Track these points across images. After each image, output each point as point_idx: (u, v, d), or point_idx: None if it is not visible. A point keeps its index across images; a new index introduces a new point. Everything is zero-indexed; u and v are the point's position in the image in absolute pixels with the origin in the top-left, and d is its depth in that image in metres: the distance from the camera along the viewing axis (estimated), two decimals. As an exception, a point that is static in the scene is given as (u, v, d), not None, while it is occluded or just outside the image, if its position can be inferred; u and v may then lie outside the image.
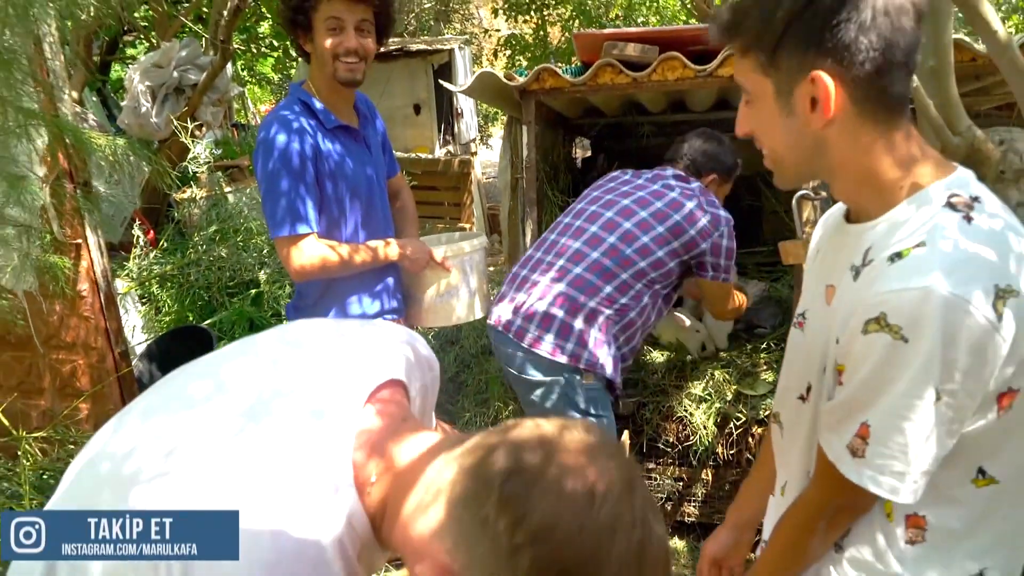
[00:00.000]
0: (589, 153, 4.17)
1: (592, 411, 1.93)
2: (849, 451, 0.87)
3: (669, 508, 2.54)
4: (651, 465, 2.52)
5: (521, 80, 2.60)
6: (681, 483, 2.50)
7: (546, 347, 1.89)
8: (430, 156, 6.34)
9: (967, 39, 2.11)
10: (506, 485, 0.62)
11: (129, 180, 3.63)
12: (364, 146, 1.93)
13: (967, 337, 0.76)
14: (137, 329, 3.13)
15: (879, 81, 0.84)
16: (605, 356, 1.92)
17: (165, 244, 3.44)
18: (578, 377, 1.90)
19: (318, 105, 1.81)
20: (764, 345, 2.58)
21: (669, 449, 2.46)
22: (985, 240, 0.80)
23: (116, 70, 7.46)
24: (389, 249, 1.90)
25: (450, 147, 6.67)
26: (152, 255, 3.31)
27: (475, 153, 6.62)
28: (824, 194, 1.82)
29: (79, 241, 2.36)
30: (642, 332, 2.06)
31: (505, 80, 2.61)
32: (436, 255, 1.99)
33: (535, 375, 1.93)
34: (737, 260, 3.09)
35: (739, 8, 0.90)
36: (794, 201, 1.89)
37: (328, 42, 1.75)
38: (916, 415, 0.80)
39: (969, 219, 0.81)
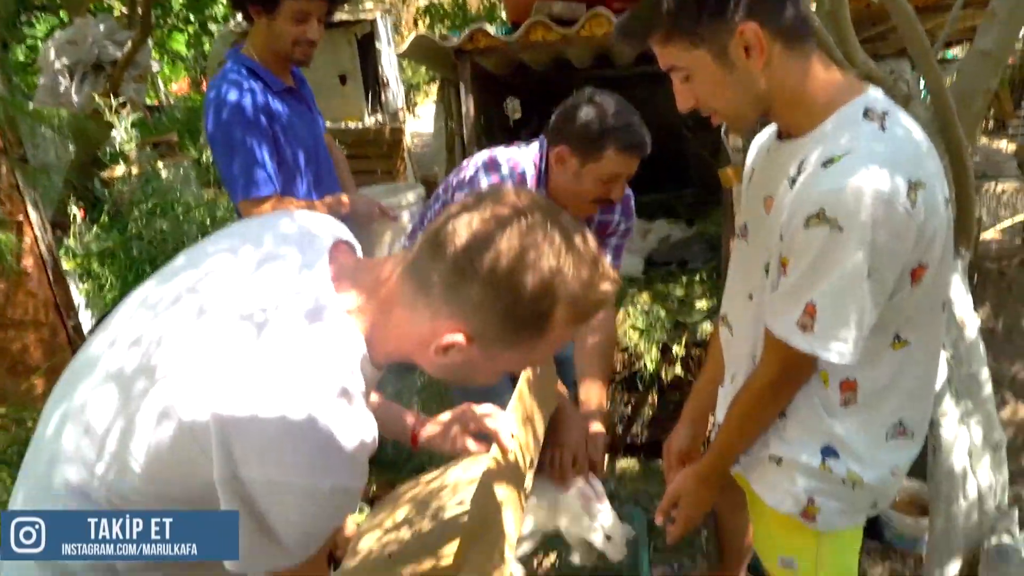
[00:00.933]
0: (519, 115, 4.29)
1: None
2: (799, 327, 1.03)
3: (620, 432, 2.74)
4: (601, 395, 2.71)
5: (456, 41, 2.69)
6: (630, 407, 2.71)
7: None
8: (360, 126, 6.32)
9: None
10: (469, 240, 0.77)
11: (56, 159, 3.53)
12: (307, 107, 1.99)
13: (890, 224, 0.94)
14: (81, 308, 3.09)
15: (789, 17, 1.00)
16: None
17: (103, 222, 3.37)
18: None
19: (264, 69, 1.85)
20: (697, 278, 2.79)
21: (616, 377, 2.65)
22: (898, 144, 0.98)
23: (15, 50, 7.04)
24: (340, 206, 1.95)
25: (378, 116, 6.66)
26: (92, 232, 3.25)
27: (404, 122, 6.63)
28: None
29: (20, 218, 2.33)
30: None
31: (440, 42, 2.69)
32: (382, 206, 2.07)
33: None
34: (667, 202, 3.31)
35: (637, 13, 1.04)
36: (723, 131, 2.06)
37: (292, 30, 1.81)
38: (853, 291, 0.98)
39: (883, 127, 0.99)
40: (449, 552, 1.24)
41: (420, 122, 9.37)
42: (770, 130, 1.21)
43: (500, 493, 1.16)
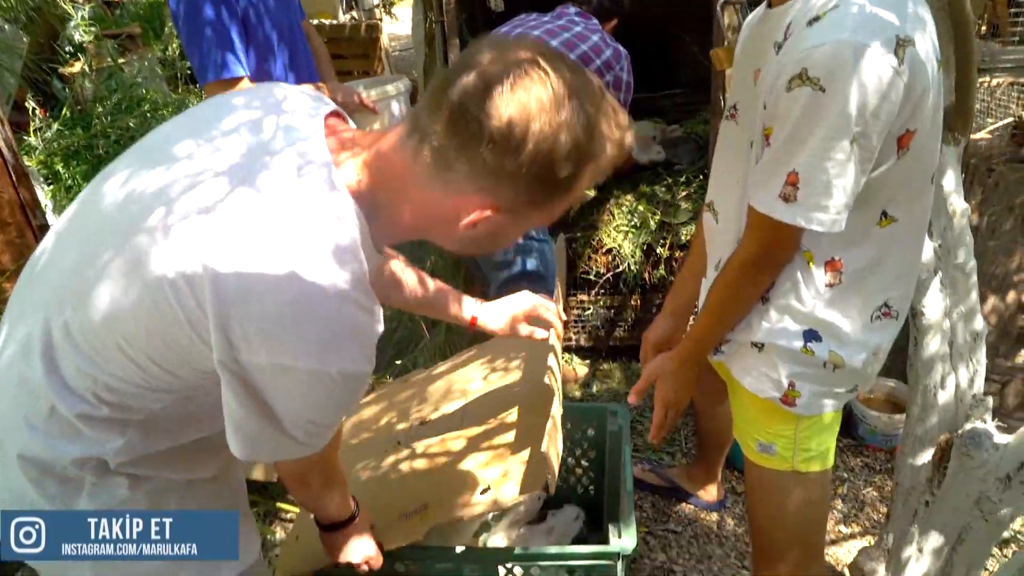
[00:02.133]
0: (502, 8, 4.09)
1: (533, 235, 2.03)
2: (781, 199, 1.00)
3: (602, 334, 2.76)
4: (583, 297, 2.71)
5: (435, -82, 2.51)
6: (612, 311, 2.71)
7: None
8: (334, 22, 6.01)
9: None
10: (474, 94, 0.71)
11: (8, 52, 3.32)
12: None
13: (876, 81, 0.89)
14: (48, 210, 2.99)
15: None
16: None
17: (64, 118, 3.21)
18: None
19: None
20: (683, 179, 2.74)
21: (599, 280, 2.64)
22: (885, 1, 0.92)
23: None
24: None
25: (353, 13, 6.33)
26: (53, 130, 3.10)
27: (380, 20, 6.32)
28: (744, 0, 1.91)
29: (-26, 108, 2.20)
30: None
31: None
32: (364, 98, 1.99)
33: None
34: (656, 102, 3.21)
35: None
36: (718, 8, 1.98)
37: None
38: (836, 155, 0.93)
39: None
40: (509, 417, 1.35)
41: (398, 25, 8.95)
42: (762, 7, 1.14)
43: (552, 378, 1.22)
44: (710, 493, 2.08)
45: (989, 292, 2.09)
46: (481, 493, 1.26)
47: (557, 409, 1.18)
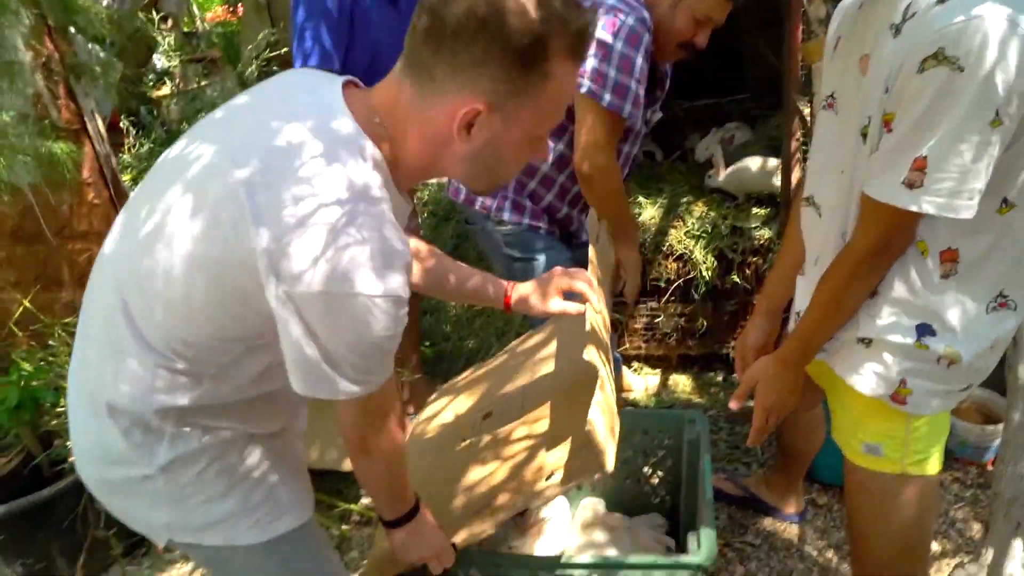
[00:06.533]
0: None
1: (514, 254, 1.95)
2: (906, 186, 0.95)
3: (673, 343, 2.72)
4: (653, 304, 2.67)
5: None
6: (683, 318, 2.67)
7: (461, 196, 1.99)
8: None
9: None
10: None
11: (103, 79, 3.54)
12: (404, 16, 1.93)
13: (1018, 58, 0.85)
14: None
15: None
16: (500, 200, 1.91)
17: (157, 136, 3.40)
18: (491, 223, 1.94)
19: None
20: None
21: (669, 287, 2.61)
22: None
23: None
24: None
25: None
26: (146, 148, 3.29)
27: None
28: None
29: (77, 127, 2.35)
30: (560, 173, 1.89)
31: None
32: None
33: (468, 224, 2.08)
34: (722, 107, 3.16)
35: None
36: (806, 0, 1.93)
37: None
38: (972, 137, 0.89)
39: None
40: (566, 401, 1.35)
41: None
42: None
43: (593, 353, 1.21)
44: (791, 505, 2.01)
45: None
46: (546, 479, 1.26)
47: (602, 387, 1.15)
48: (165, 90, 3.85)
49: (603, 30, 1.60)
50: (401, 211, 0.95)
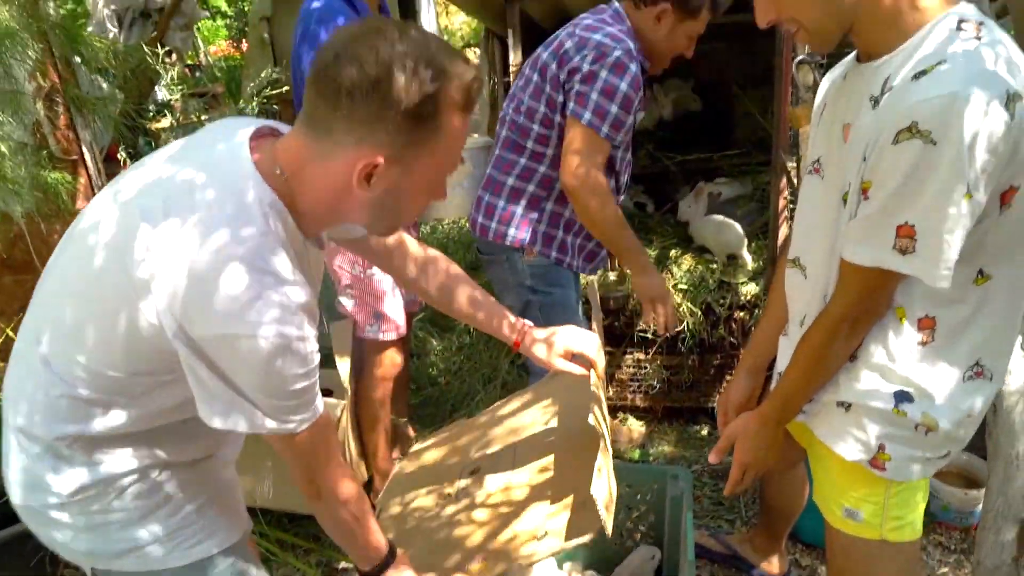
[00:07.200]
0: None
1: (535, 286, 1.97)
2: (898, 251, 0.98)
3: (660, 395, 2.72)
4: (640, 356, 2.69)
5: (505, -13, 2.63)
6: (670, 371, 2.68)
7: (479, 229, 1.99)
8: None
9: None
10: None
11: (103, 110, 3.56)
12: None
13: (988, 136, 0.89)
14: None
15: None
16: (527, 233, 1.92)
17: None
18: (518, 255, 1.95)
19: (361, 3, 1.89)
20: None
21: (656, 339, 2.62)
22: (994, 55, 0.92)
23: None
24: None
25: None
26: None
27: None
28: (820, 59, 1.92)
29: (75, 157, 2.37)
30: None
31: (488, -13, 2.64)
32: None
33: (484, 254, 2.06)
34: (713, 163, 3.23)
35: None
36: (794, 66, 1.99)
37: None
38: (950, 209, 0.92)
39: (979, 38, 0.93)
40: (560, 461, 1.35)
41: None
42: (846, 61, 1.16)
43: (597, 416, 1.22)
44: (773, 565, 1.99)
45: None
46: (538, 540, 1.25)
47: (605, 451, 1.16)
48: (165, 122, 3.87)
49: (592, 63, 1.71)
50: (312, 256, 0.99)
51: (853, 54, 1.12)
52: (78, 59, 2.33)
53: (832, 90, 1.18)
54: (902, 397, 1.09)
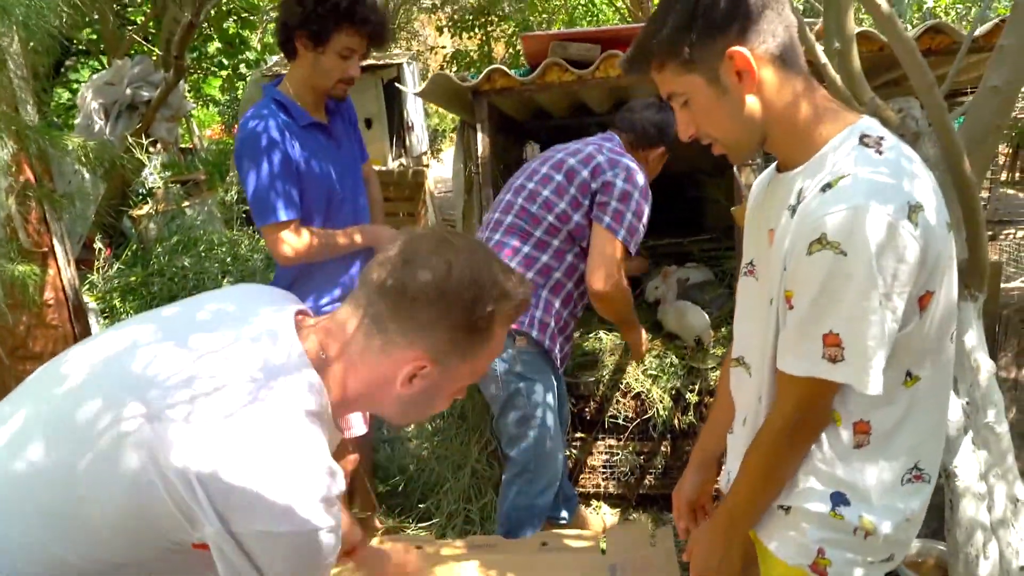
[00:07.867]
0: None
1: (523, 372, 1.99)
2: (828, 360, 0.99)
3: (632, 482, 2.67)
4: (612, 441, 2.65)
5: (473, 82, 2.74)
6: (642, 457, 2.64)
7: None
8: (384, 168, 6.44)
9: (873, 30, 2.34)
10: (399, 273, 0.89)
11: (84, 199, 3.63)
12: (334, 143, 2.04)
13: (893, 246, 0.92)
14: (100, 342, 3.14)
15: (781, 42, 1.00)
16: (525, 316, 1.96)
17: (126, 257, 3.45)
18: (509, 340, 1.96)
19: (293, 104, 1.94)
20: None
21: (629, 424, 2.59)
22: (895, 168, 0.96)
23: (59, 94, 7.36)
24: (356, 236, 2.02)
25: (402, 160, 6.78)
26: (115, 268, 3.32)
27: (427, 166, 6.75)
28: (759, 160, 2.00)
29: (45, 250, 2.39)
30: (577, 296, 2.09)
31: (458, 81, 2.75)
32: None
33: None
34: (683, 248, 3.29)
35: (638, 42, 1.07)
36: (735, 168, 2.07)
37: (337, 67, 1.90)
38: (870, 317, 0.94)
39: (880, 152, 0.98)
40: None
41: (444, 167, 9.53)
42: (770, 169, 1.20)
43: None
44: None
45: (1037, 449, 1.98)
46: None
47: None
48: (145, 210, 3.94)
49: (625, 182, 1.97)
50: (334, 441, 0.97)
51: (775, 163, 1.16)
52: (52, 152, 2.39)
53: (760, 194, 1.22)
54: (838, 499, 1.07)
